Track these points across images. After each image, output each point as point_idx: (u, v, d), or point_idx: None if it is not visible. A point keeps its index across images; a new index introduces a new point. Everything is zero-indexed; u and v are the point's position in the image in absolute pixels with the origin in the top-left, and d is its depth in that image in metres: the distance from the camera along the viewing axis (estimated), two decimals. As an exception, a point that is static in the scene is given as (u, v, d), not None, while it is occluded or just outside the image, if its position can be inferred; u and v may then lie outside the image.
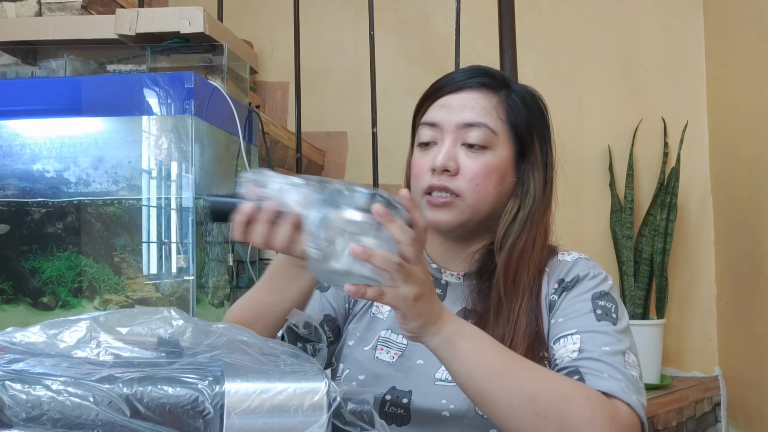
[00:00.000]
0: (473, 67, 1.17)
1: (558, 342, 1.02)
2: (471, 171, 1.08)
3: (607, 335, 1.00)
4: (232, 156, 2.02)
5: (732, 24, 2.74)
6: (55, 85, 1.86)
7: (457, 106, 1.11)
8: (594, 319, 1.02)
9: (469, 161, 1.09)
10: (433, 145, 1.12)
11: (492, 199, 1.10)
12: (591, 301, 1.05)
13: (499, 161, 1.10)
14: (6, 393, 0.64)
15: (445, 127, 1.10)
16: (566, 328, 1.03)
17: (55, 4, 2.33)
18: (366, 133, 2.41)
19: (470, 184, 1.08)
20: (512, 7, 2.10)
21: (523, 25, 2.21)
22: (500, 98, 1.12)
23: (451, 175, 1.08)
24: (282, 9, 2.63)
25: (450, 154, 1.08)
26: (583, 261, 1.12)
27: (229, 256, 2.02)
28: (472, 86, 1.12)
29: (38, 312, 1.82)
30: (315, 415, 0.68)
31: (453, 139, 1.10)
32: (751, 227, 2.55)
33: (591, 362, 0.97)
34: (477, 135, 1.09)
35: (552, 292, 1.08)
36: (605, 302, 1.05)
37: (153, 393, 0.66)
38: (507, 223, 1.11)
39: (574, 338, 1.01)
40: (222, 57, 1.99)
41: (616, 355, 0.98)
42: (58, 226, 1.83)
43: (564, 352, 1.00)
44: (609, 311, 1.04)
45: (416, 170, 1.12)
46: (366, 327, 1.14)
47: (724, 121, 2.80)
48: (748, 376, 2.63)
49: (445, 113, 1.11)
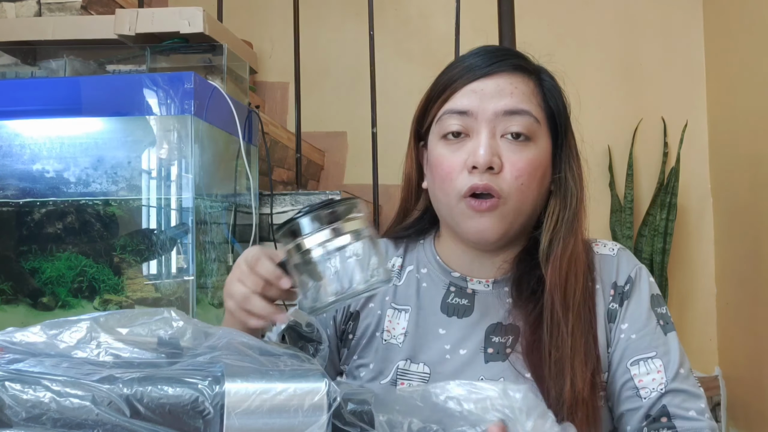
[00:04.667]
0: (498, 47, 1.04)
1: (638, 365, 0.96)
2: (516, 168, 0.94)
3: (677, 352, 0.97)
4: (232, 156, 2.02)
5: (732, 24, 2.74)
6: (55, 85, 1.86)
7: (492, 91, 0.96)
8: (662, 333, 0.98)
9: (512, 156, 0.94)
10: (464, 139, 0.96)
11: (533, 199, 0.97)
12: (652, 310, 0.99)
13: (542, 154, 0.98)
14: (6, 393, 0.64)
15: (480, 116, 0.95)
16: (642, 348, 0.97)
17: (55, 5, 2.33)
18: (366, 133, 2.41)
19: (516, 184, 0.94)
20: (512, 7, 2.10)
21: (523, 25, 2.20)
22: (535, 82, 1.00)
23: (495, 173, 0.94)
24: (282, 9, 2.63)
25: (492, 148, 0.94)
26: (624, 255, 1.02)
27: (229, 256, 2.02)
28: (506, 69, 0.98)
29: (38, 312, 1.82)
30: (315, 416, 0.68)
31: (491, 130, 0.95)
32: (751, 227, 2.55)
33: (677, 397, 0.95)
34: (521, 124, 0.95)
35: (610, 301, 0.99)
36: (660, 308, 1.00)
37: (153, 393, 0.66)
38: (552, 227, 0.98)
39: (656, 363, 0.96)
40: (222, 57, 1.99)
41: (689, 378, 0.97)
42: (58, 226, 1.83)
43: (649, 381, 0.96)
44: (668, 318, 1.00)
45: (446, 169, 0.96)
46: (381, 356, 1.01)
47: (724, 121, 2.80)
48: (748, 376, 2.62)
49: (478, 100, 0.95)
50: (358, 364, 1.03)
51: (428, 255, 1.08)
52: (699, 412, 0.96)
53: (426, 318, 1.02)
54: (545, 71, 1.04)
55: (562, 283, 0.95)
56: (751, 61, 2.56)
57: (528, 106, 0.96)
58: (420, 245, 1.10)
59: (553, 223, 0.98)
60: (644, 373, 0.96)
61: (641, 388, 0.95)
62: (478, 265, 1.03)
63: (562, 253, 0.96)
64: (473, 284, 1.02)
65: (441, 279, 1.05)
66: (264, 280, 0.83)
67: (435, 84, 1.02)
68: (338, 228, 0.76)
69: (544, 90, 1.00)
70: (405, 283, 1.06)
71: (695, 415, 0.95)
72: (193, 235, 1.76)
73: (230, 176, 2.03)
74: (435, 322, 1.02)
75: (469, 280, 1.03)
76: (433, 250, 1.07)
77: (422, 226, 1.10)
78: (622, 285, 0.99)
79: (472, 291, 1.02)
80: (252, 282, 0.84)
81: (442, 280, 1.05)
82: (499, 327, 0.99)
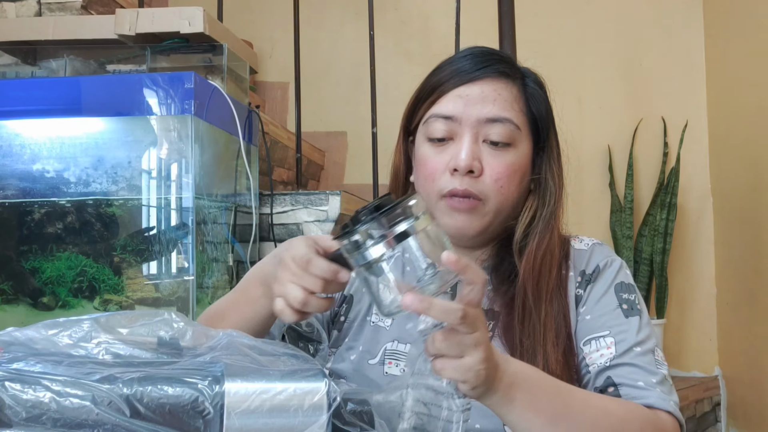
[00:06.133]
0: (485, 51, 1.06)
1: (589, 344, 0.98)
2: (495, 172, 0.99)
3: (636, 333, 0.96)
4: (232, 156, 2.02)
5: (732, 24, 2.74)
6: (55, 85, 1.86)
7: (476, 97, 1.00)
8: (622, 316, 0.98)
9: (492, 161, 0.99)
10: (448, 142, 1.01)
11: (513, 199, 1.02)
12: (615, 295, 1.00)
13: (522, 158, 1.02)
14: (6, 393, 0.64)
15: (464, 122, 0.99)
16: (596, 328, 0.98)
17: (55, 4, 2.33)
18: (366, 133, 2.41)
19: (495, 186, 0.99)
20: (512, 7, 2.10)
21: (523, 25, 2.21)
22: (519, 88, 1.03)
23: (475, 177, 0.98)
24: (282, 9, 2.63)
25: (473, 152, 0.98)
26: (597, 247, 1.06)
27: (229, 256, 2.02)
28: (491, 75, 1.02)
29: (38, 312, 1.82)
30: (315, 415, 0.68)
31: (473, 135, 0.99)
32: (751, 227, 2.55)
33: (625, 369, 0.94)
34: (501, 132, 0.99)
35: (577, 286, 1.03)
36: (628, 294, 1.01)
37: (153, 393, 0.66)
38: (526, 223, 1.02)
39: (608, 341, 0.96)
40: (222, 57, 1.99)
41: (646, 355, 0.95)
42: (58, 226, 1.83)
43: (597, 356, 0.96)
44: (633, 304, 1.00)
45: (429, 169, 1.01)
46: (369, 338, 1.04)
47: (724, 121, 2.80)
48: (748, 376, 2.62)
49: (462, 105, 1.00)
50: (349, 346, 1.05)
51: None
52: (648, 384, 0.92)
53: None
54: (531, 75, 1.06)
55: (535, 275, 0.99)
56: (751, 61, 2.56)
57: (509, 114, 1.00)
58: None
59: (529, 218, 1.02)
60: (594, 350, 0.97)
61: (590, 365, 0.96)
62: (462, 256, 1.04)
63: (537, 248, 1.00)
64: None
65: None
66: (322, 279, 0.80)
67: (424, 85, 1.06)
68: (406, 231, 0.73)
69: (527, 95, 1.04)
70: None
71: (643, 385, 0.92)
72: (193, 235, 1.76)
73: (230, 176, 2.03)
74: None
75: None
76: None
77: None
78: (590, 273, 1.03)
79: None
80: (311, 283, 0.80)
81: None
82: (491, 313, 1.02)
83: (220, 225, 1.98)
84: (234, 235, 2.06)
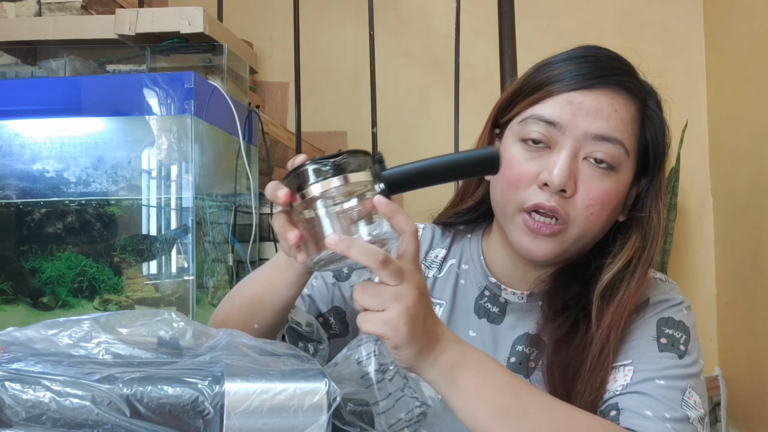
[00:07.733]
0: (610, 55, 0.94)
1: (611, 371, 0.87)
2: (590, 197, 0.87)
3: (665, 369, 0.84)
4: (232, 156, 2.02)
5: (732, 24, 2.74)
6: (55, 85, 1.86)
7: (589, 108, 0.88)
8: (654, 348, 0.86)
9: (588, 183, 0.87)
10: (544, 148, 0.89)
11: (598, 230, 0.90)
12: (656, 327, 0.89)
13: (621, 187, 0.90)
14: (6, 393, 0.64)
15: (569, 132, 0.87)
16: (622, 357, 0.87)
17: (55, 4, 2.33)
18: (366, 133, 2.41)
19: (585, 212, 0.87)
20: (512, 7, 2.10)
21: (523, 25, 2.20)
22: (638, 107, 0.92)
23: (566, 197, 0.87)
24: (282, 9, 2.63)
25: (571, 170, 0.86)
26: (659, 284, 0.95)
27: (229, 256, 2.02)
28: (611, 86, 0.90)
29: (38, 312, 1.82)
30: (315, 415, 0.68)
31: (574, 149, 0.87)
32: (751, 227, 2.55)
33: (636, 397, 0.82)
34: (608, 152, 0.87)
35: None
36: (674, 331, 0.88)
37: (153, 393, 0.66)
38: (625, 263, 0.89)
39: (626, 370, 0.85)
40: (222, 57, 1.99)
41: (671, 390, 0.82)
42: (58, 226, 1.83)
43: (612, 385, 0.85)
44: (677, 342, 0.87)
45: (515, 175, 0.89)
46: None
47: (724, 121, 2.80)
48: (748, 376, 2.62)
49: (571, 114, 0.88)
50: None
51: (473, 252, 1.04)
52: (658, 416, 0.80)
53: (458, 317, 1.01)
54: (653, 96, 0.96)
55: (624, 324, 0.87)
56: (751, 61, 2.56)
57: (622, 135, 0.88)
58: (467, 240, 1.07)
59: (627, 258, 0.90)
60: (612, 380, 0.86)
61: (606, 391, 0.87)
62: (522, 273, 0.98)
63: (632, 296, 0.88)
64: (507, 294, 0.99)
65: (479, 280, 1.03)
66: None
67: (529, 78, 0.94)
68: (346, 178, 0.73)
69: (645, 118, 0.93)
70: (444, 276, 1.05)
71: (651, 415, 0.80)
72: (193, 235, 1.76)
73: (230, 176, 2.03)
74: (466, 323, 1.01)
75: (503, 290, 0.99)
76: (479, 249, 1.04)
77: (474, 216, 1.06)
78: (638, 305, 0.92)
79: (505, 300, 0.99)
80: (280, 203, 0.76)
81: (479, 281, 1.03)
82: (526, 336, 0.95)
83: (220, 225, 1.98)
84: (234, 235, 2.06)
